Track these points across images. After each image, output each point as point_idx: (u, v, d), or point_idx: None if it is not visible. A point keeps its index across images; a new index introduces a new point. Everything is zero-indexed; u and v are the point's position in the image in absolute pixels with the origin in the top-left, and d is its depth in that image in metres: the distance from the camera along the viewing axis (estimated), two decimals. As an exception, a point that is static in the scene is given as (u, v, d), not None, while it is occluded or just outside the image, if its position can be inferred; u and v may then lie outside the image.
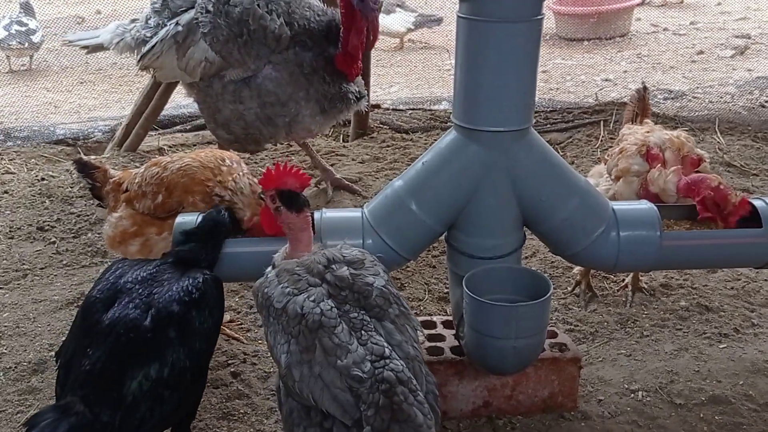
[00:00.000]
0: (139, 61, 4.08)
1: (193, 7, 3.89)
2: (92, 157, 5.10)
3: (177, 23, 3.89)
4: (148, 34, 4.04)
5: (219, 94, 3.86)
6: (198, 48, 3.83)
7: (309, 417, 1.90)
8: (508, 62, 2.28)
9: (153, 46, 3.96)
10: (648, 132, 3.15)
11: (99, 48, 4.45)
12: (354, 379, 1.82)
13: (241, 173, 2.72)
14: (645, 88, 3.49)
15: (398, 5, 8.78)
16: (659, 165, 2.96)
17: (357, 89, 3.95)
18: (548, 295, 2.24)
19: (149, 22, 4.08)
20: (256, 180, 2.73)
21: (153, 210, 2.71)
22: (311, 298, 1.95)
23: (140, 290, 2.13)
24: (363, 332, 1.91)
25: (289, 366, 1.91)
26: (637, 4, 9.35)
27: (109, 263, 2.35)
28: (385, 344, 1.91)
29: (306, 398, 1.88)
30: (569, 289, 3.42)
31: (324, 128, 4.16)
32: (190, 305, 2.12)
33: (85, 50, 4.65)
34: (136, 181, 2.77)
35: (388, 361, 1.85)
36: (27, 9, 8.33)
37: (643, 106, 3.45)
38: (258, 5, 3.71)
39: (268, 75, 3.76)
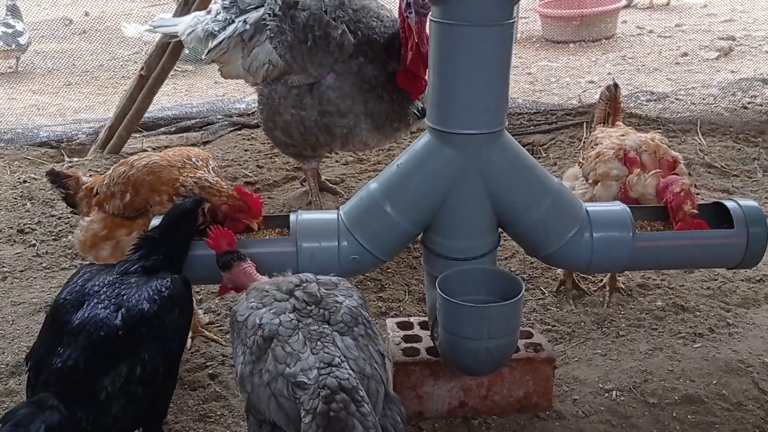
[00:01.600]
0: (206, 54, 4.04)
1: (262, 6, 3.82)
2: (75, 159, 5.12)
3: (245, 21, 3.85)
4: (216, 28, 3.98)
5: (282, 97, 3.79)
6: (263, 49, 3.77)
7: (261, 429, 1.89)
8: (480, 66, 2.30)
9: (220, 42, 3.92)
10: (623, 135, 3.17)
11: (174, 36, 4.43)
12: (298, 386, 1.79)
13: (205, 170, 2.72)
14: (616, 86, 3.45)
15: None
16: (638, 169, 2.97)
17: (421, 106, 3.77)
18: (519, 296, 2.26)
19: (218, 16, 4.03)
20: (218, 177, 2.75)
21: (122, 210, 2.72)
22: (272, 311, 1.95)
23: (108, 292, 2.15)
24: (319, 342, 1.88)
25: (242, 377, 1.91)
26: (623, 7, 9.40)
27: (77, 268, 2.36)
28: (338, 354, 1.86)
29: (258, 410, 1.87)
30: (545, 289, 3.44)
31: (382, 143, 4.06)
32: (160, 304, 2.15)
33: (164, 37, 4.67)
34: (105, 182, 2.78)
35: (334, 368, 1.81)
36: (14, 11, 8.32)
37: (615, 105, 3.43)
38: (325, 11, 3.63)
39: (331, 84, 3.67)
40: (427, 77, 3.48)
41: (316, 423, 1.72)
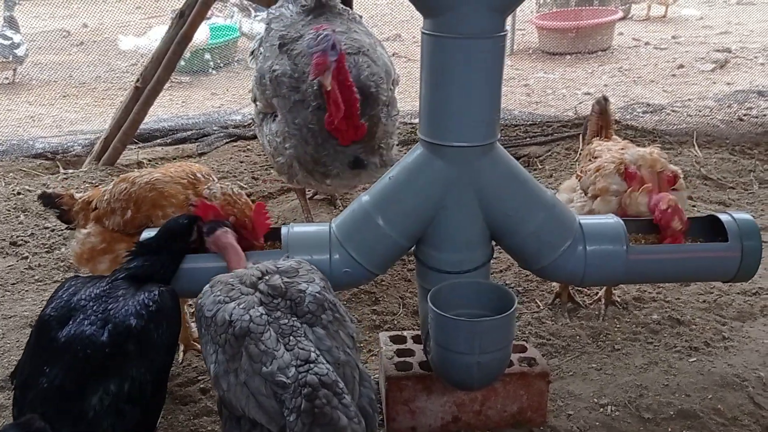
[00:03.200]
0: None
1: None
2: (70, 170, 5.11)
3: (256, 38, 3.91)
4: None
5: (253, 120, 3.79)
6: (255, 69, 3.76)
7: (239, 426, 1.90)
8: (471, 78, 2.29)
9: (252, 53, 4.05)
10: (622, 149, 3.15)
11: None
12: (278, 385, 1.81)
13: (211, 185, 2.72)
14: (606, 99, 3.46)
15: None
16: (636, 184, 2.95)
17: (355, 157, 3.35)
18: (511, 310, 2.24)
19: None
20: (233, 187, 2.74)
21: (122, 226, 2.70)
22: (241, 306, 1.96)
23: (95, 307, 2.12)
24: (291, 338, 1.91)
25: (216, 376, 1.91)
26: (619, 19, 9.44)
27: (62, 281, 2.33)
28: (312, 349, 1.90)
29: (235, 407, 1.87)
30: (541, 302, 3.42)
31: (323, 189, 3.82)
32: (147, 319, 2.12)
33: None
34: (105, 198, 2.76)
35: (312, 365, 1.85)
36: (11, 23, 8.33)
37: (606, 118, 3.44)
38: (281, 45, 3.49)
39: (277, 119, 3.51)
40: (353, 125, 3.20)
41: (302, 421, 1.76)
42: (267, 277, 2.06)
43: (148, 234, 2.50)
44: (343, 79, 3.14)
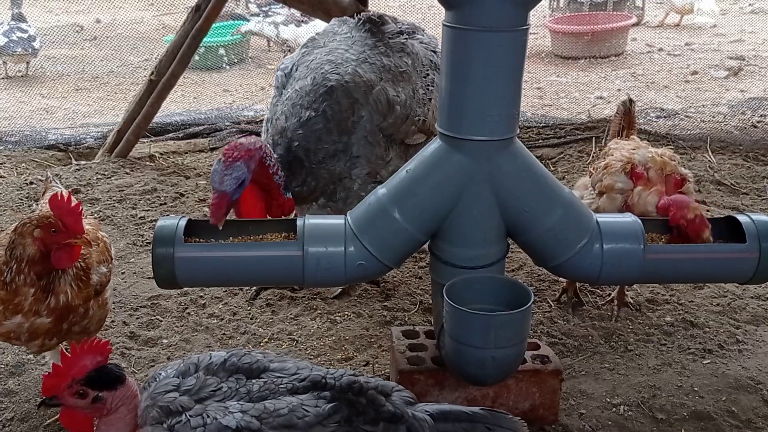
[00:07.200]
0: None
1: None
2: (82, 162, 5.12)
3: None
4: None
5: None
6: None
7: None
8: (492, 71, 2.28)
9: None
10: (634, 149, 3.15)
11: None
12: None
13: None
14: (631, 101, 3.50)
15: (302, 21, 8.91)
16: (639, 187, 2.95)
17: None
18: (528, 304, 2.23)
19: None
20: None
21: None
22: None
23: None
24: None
25: None
26: (633, 25, 9.42)
27: None
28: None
29: None
30: (555, 296, 3.42)
31: None
32: None
33: None
34: None
35: None
36: (20, 19, 8.38)
37: (629, 119, 3.46)
38: (304, 44, 3.45)
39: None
40: (277, 205, 3.03)
41: None
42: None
43: (163, 222, 2.49)
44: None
